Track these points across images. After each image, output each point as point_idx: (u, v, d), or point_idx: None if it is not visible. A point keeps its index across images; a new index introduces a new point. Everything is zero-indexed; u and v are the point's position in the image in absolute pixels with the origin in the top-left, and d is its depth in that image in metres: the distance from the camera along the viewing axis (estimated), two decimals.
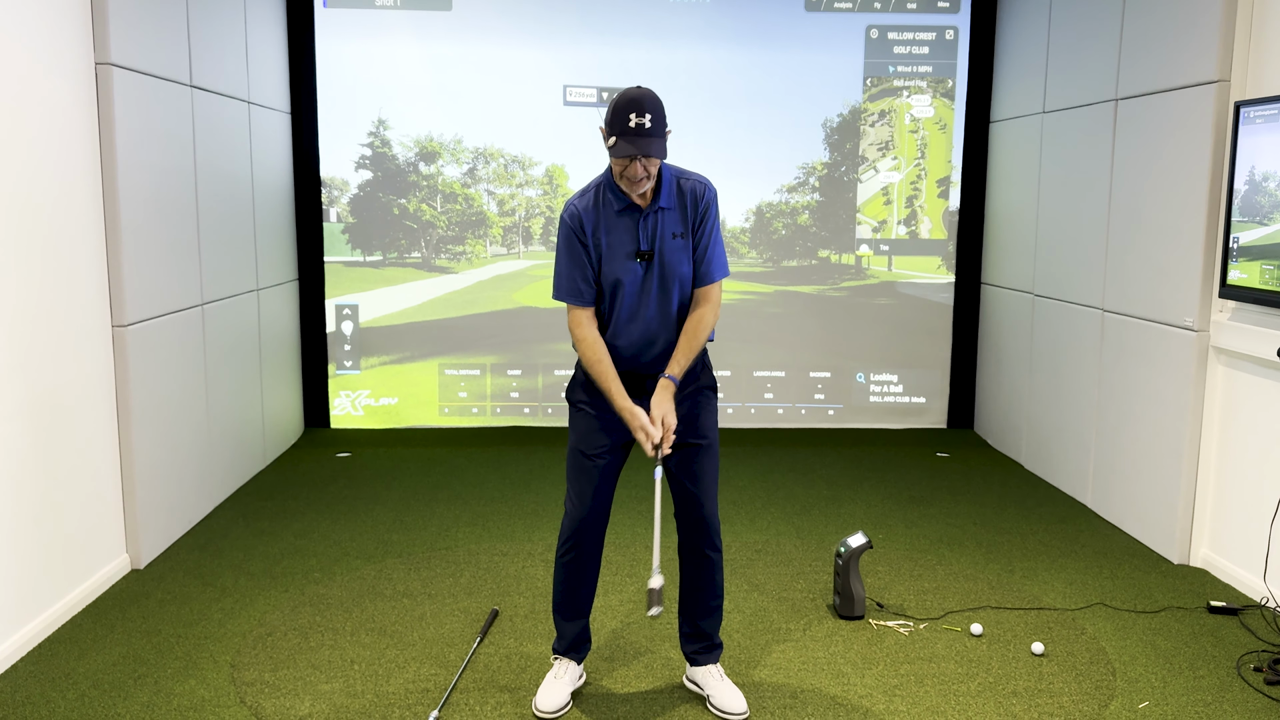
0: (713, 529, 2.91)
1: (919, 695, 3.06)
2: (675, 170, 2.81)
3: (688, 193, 2.78)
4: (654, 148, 2.60)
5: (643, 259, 2.76)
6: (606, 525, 2.97)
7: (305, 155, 5.97)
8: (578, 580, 2.97)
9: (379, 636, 3.42)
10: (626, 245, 2.76)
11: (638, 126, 2.59)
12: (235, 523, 4.53)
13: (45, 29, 3.44)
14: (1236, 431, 3.95)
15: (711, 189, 2.82)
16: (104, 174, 3.80)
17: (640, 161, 2.62)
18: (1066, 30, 5.16)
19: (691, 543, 2.92)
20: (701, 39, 6.06)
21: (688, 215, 2.77)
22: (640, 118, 2.59)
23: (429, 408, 6.27)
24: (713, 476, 2.91)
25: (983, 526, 4.60)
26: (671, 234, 2.76)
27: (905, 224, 6.30)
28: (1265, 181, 3.64)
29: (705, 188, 2.80)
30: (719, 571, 2.96)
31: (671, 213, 2.77)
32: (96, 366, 3.76)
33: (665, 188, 2.76)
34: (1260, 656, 3.32)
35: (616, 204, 2.76)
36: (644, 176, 2.65)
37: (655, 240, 2.76)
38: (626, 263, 2.77)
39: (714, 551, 2.93)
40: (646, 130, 2.59)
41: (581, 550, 2.94)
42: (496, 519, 4.63)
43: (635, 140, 2.59)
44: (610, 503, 2.95)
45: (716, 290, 2.84)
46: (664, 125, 2.64)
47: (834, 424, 6.40)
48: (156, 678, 3.12)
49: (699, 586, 2.96)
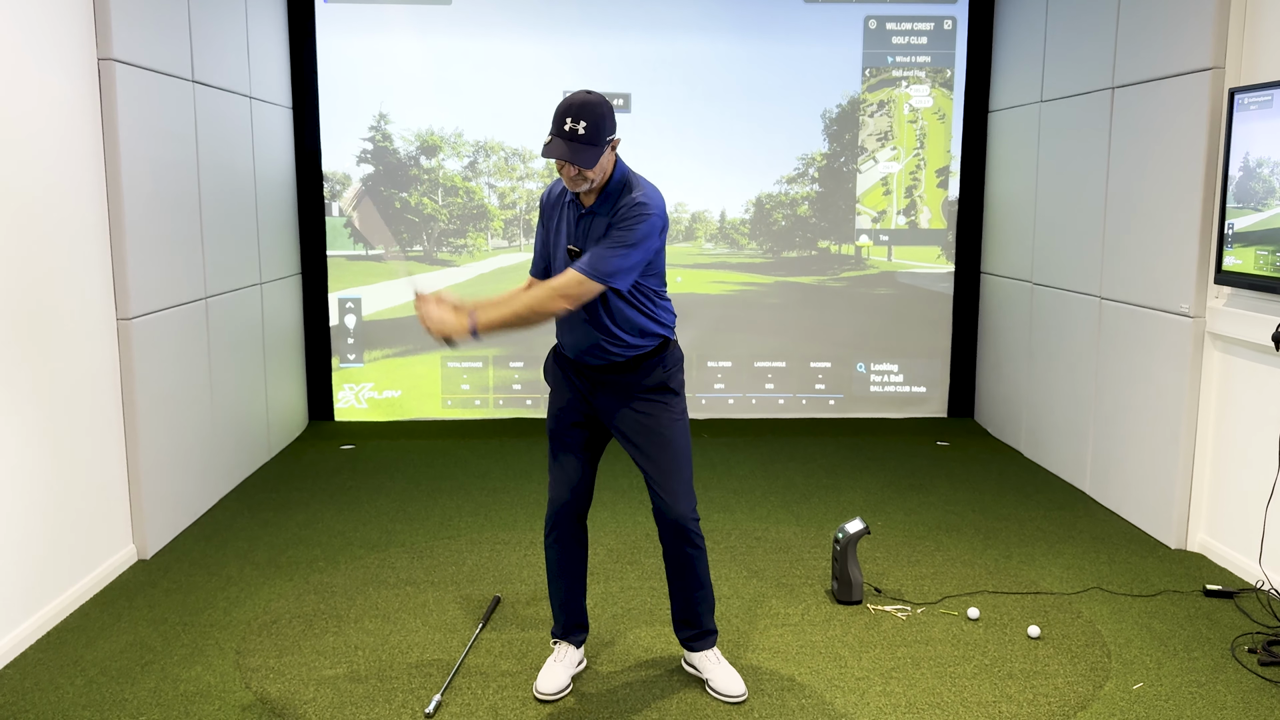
0: (688, 528, 2.89)
1: (915, 678, 3.10)
2: (630, 180, 2.75)
3: (622, 205, 2.70)
4: (579, 155, 2.60)
5: (574, 255, 2.79)
6: (588, 506, 3.00)
7: (307, 150, 6.01)
8: (564, 562, 3.01)
9: (382, 623, 3.46)
10: (566, 239, 2.83)
11: (570, 132, 2.60)
12: (240, 513, 4.58)
13: (48, 25, 3.47)
14: (1232, 417, 3.97)
15: (648, 214, 2.68)
16: (107, 169, 3.84)
17: (569, 166, 2.64)
18: (1063, 19, 5.17)
19: (668, 542, 2.93)
20: (701, 31, 6.08)
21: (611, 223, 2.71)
22: (575, 123, 2.60)
23: (432, 400, 6.31)
24: (681, 475, 2.88)
25: (981, 513, 4.63)
26: (596, 238, 2.74)
27: (905, 214, 6.33)
28: (1259, 168, 3.66)
29: (639, 207, 2.68)
30: (701, 566, 2.96)
31: (601, 219, 2.74)
32: (101, 359, 3.80)
33: (608, 194, 2.74)
34: (1255, 638, 3.35)
35: (569, 197, 2.83)
36: (578, 179, 2.67)
37: (584, 240, 2.78)
38: (564, 255, 2.83)
39: (693, 549, 2.92)
40: (578, 136, 2.60)
41: (563, 530, 2.98)
42: (499, 508, 4.67)
43: (564, 144, 2.61)
44: (588, 483, 2.98)
45: (570, 279, 2.64)
46: (601, 134, 2.61)
47: (835, 414, 6.43)
48: (163, 664, 3.17)
49: (680, 581, 2.97)
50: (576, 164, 2.61)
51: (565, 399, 2.96)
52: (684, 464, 2.90)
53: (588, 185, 2.70)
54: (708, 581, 3.00)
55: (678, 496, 2.87)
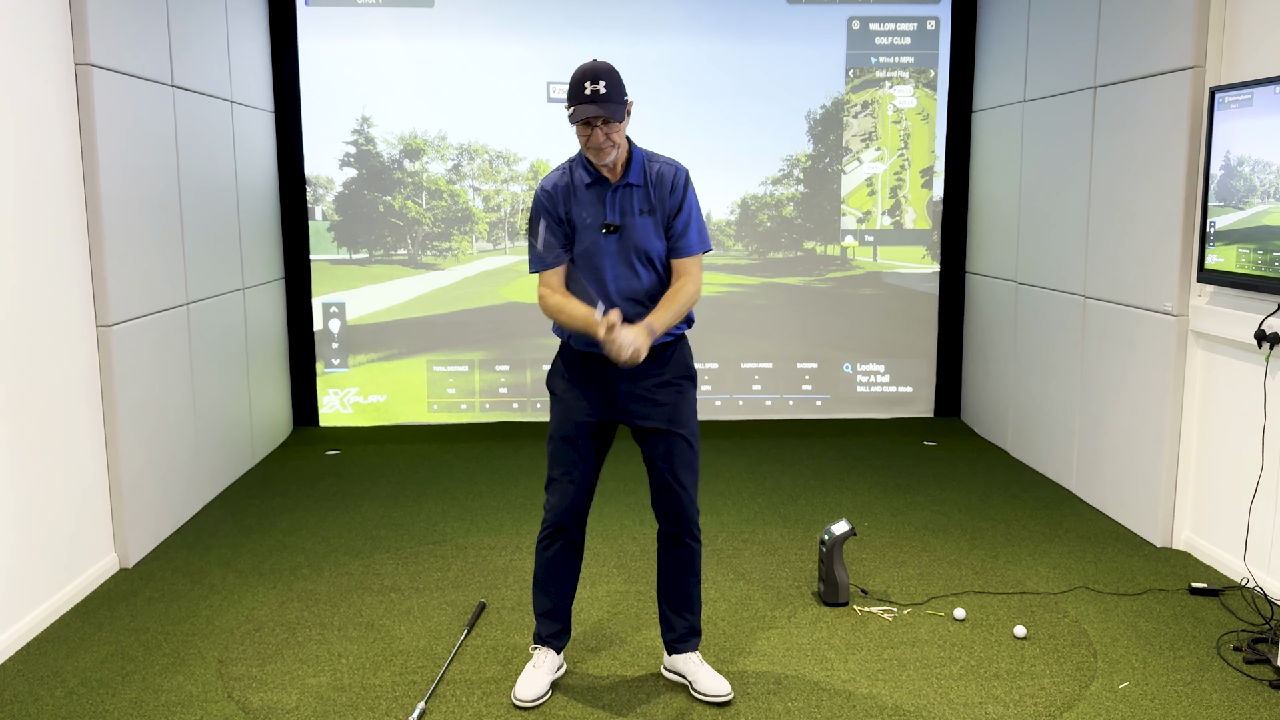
0: (691, 519, 2.93)
1: (902, 679, 3.09)
2: (646, 153, 2.87)
3: (655, 173, 2.83)
4: (610, 110, 2.67)
5: (610, 231, 2.80)
6: (588, 513, 2.99)
7: (290, 154, 5.98)
8: (558, 569, 3.00)
9: (366, 630, 3.44)
10: (596, 218, 2.82)
11: (593, 93, 2.66)
12: (224, 521, 4.54)
13: (23, 30, 3.44)
14: (1216, 415, 3.98)
15: (683, 171, 2.87)
16: (85, 175, 3.81)
17: (600, 129, 2.69)
18: (1046, 18, 5.18)
19: (670, 532, 2.95)
20: (684, 32, 6.08)
21: (653, 194, 2.82)
22: (595, 85, 2.66)
23: (418, 404, 6.29)
24: (692, 468, 2.92)
25: (967, 513, 4.63)
26: (639, 210, 2.81)
27: (890, 214, 6.33)
28: (1240, 166, 3.67)
29: (676, 170, 2.85)
30: (697, 560, 2.99)
31: (639, 190, 2.82)
32: (81, 367, 3.77)
33: (635, 165, 2.81)
34: (1240, 636, 3.35)
35: (587, 178, 2.82)
36: (607, 144, 2.71)
37: (622, 214, 2.80)
38: (596, 236, 2.82)
39: (693, 540, 2.96)
40: (602, 95, 2.66)
41: (563, 538, 2.97)
42: (484, 513, 4.65)
43: (591, 105, 2.65)
44: (591, 490, 2.97)
45: (695, 265, 2.86)
46: (621, 93, 2.71)
47: (821, 414, 6.43)
48: (145, 674, 3.14)
49: (678, 575, 2.98)
50: (611, 117, 2.66)
51: (581, 403, 2.92)
52: (696, 455, 2.94)
53: (614, 153, 2.74)
54: (700, 578, 3.02)
55: (688, 486, 2.91)
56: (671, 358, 2.91)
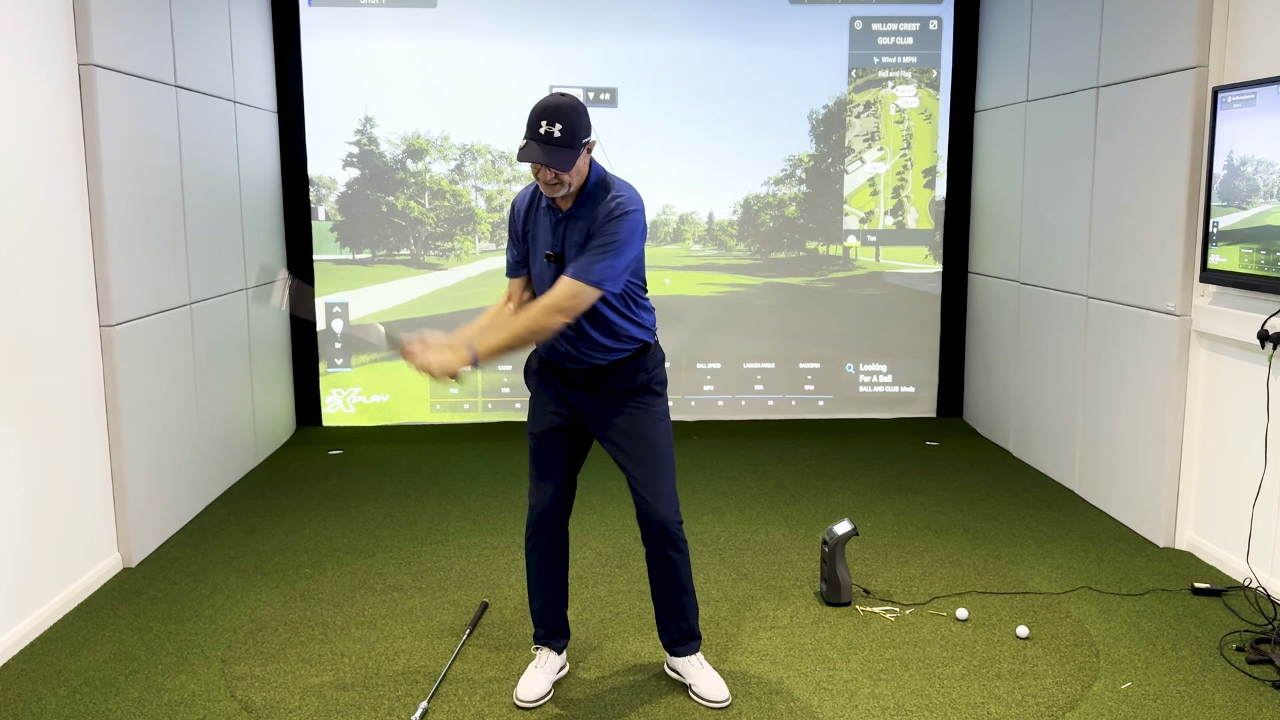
0: (672, 531, 2.87)
1: (904, 679, 3.09)
2: (607, 182, 2.73)
3: (601, 206, 2.67)
4: (555, 158, 2.56)
5: (551, 260, 2.77)
6: (569, 512, 2.98)
7: (293, 154, 5.98)
8: (544, 568, 3.00)
9: (369, 630, 3.44)
10: (544, 244, 2.79)
11: (546, 135, 2.57)
12: (226, 520, 4.55)
13: (27, 30, 3.45)
14: (1219, 415, 3.98)
15: (628, 208, 2.66)
16: (89, 175, 3.81)
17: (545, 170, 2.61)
18: (1048, 18, 5.18)
19: (652, 546, 2.91)
20: (686, 33, 6.08)
21: (592, 227, 2.69)
22: (550, 126, 2.56)
23: (421, 404, 6.29)
24: (664, 477, 2.86)
25: (970, 513, 4.63)
26: (577, 242, 2.71)
27: (892, 214, 6.33)
28: (1243, 166, 3.67)
29: (620, 206, 2.66)
30: (684, 569, 2.94)
31: (580, 222, 2.71)
32: (85, 366, 3.78)
33: (586, 197, 2.71)
34: (1243, 636, 3.35)
35: (544, 202, 2.79)
36: (555, 183, 2.63)
37: (565, 245, 2.74)
38: (543, 261, 2.80)
39: (676, 552, 2.90)
40: (554, 139, 2.56)
41: (544, 536, 2.96)
42: (487, 513, 4.65)
43: (540, 148, 2.58)
44: (569, 489, 2.96)
45: (566, 287, 2.62)
46: (577, 137, 2.58)
47: (824, 414, 6.43)
48: (148, 674, 3.14)
49: (664, 585, 2.95)
50: (553, 167, 2.58)
51: (546, 403, 2.94)
52: (667, 465, 2.88)
53: (565, 190, 2.66)
54: (690, 586, 2.98)
55: (661, 498, 2.85)
56: (627, 372, 2.84)
